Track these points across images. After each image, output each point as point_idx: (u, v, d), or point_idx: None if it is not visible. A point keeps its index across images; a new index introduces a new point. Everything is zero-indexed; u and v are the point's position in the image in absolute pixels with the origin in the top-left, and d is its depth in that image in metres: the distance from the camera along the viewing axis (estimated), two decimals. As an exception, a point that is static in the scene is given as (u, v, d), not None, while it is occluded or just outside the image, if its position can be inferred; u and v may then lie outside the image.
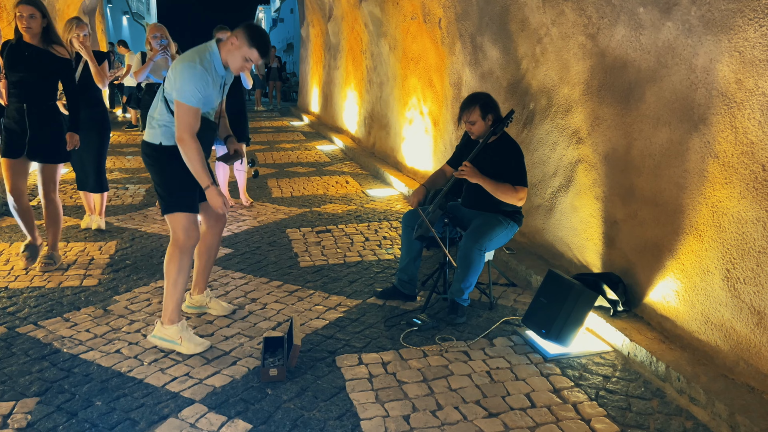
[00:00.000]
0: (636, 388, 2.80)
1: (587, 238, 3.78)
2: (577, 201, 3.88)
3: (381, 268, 4.34)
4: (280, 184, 7.33)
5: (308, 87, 15.16)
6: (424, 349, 3.14)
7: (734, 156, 2.66)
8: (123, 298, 3.75)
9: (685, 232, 2.97)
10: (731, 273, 2.69)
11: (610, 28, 3.43)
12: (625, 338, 3.08)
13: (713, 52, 2.73)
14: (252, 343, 3.17)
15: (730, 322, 2.71)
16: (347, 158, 9.37)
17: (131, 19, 31.24)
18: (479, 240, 3.37)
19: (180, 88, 2.85)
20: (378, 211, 5.99)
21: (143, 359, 2.98)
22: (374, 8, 8.00)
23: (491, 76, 4.98)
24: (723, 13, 2.66)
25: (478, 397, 2.70)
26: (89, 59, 4.70)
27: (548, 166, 4.20)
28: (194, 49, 2.97)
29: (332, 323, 3.43)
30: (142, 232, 5.17)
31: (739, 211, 2.65)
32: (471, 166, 3.41)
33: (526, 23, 4.34)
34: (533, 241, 4.43)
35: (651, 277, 3.22)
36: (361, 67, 9.52)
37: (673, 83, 3.00)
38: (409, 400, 2.66)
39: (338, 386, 2.77)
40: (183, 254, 3.03)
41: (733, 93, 2.65)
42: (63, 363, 2.94)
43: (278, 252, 4.68)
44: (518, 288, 4.01)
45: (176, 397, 2.65)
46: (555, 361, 3.03)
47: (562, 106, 4.00)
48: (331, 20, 11.15)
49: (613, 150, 3.50)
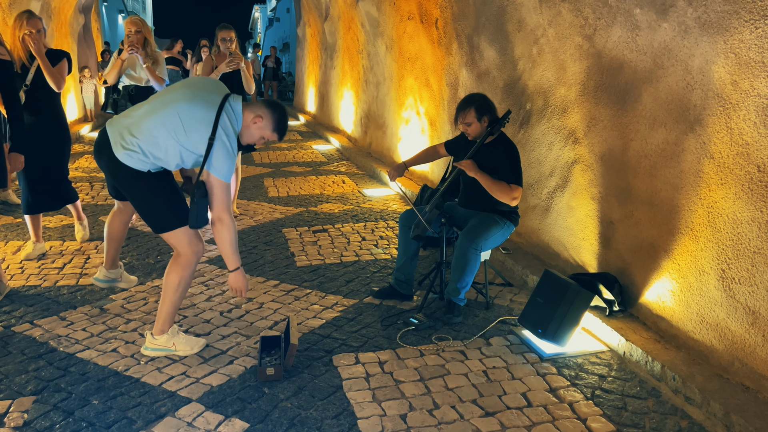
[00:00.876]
0: (632, 388, 2.81)
1: (583, 238, 3.79)
2: (573, 201, 3.90)
3: (377, 268, 4.35)
4: (276, 183, 7.33)
5: (305, 86, 15.15)
6: (421, 348, 3.15)
7: (730, 157, 2.68)
8: (119, 297, 3.74)
9: (681, 233, 2.98)
10: (726, 273, 2.71)
11: (607, 29, 3.45)
12: (620, 338, 3.10)
13: (709, 54, 2.75)
14: (249, 342, 3.17)
15: (725, 322, 2.72)
16: (344, 158, 9.37)
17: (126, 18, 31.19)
18: (475, 240, 3.38)
19: (218, 167, 2.71)
20: (374, 211, 5.99)
21: (140, 358, 2.98)
22: (371, 8, 8.01)
23: (488, 76, 4.99)
24: (719, 15, 2.68)
25: (475, 396, 2.71)
26: (39, 59, 4.11)
27: (544, 167, 4.21)
28: (225, 114, 2.73)
29: (329, 322, 3.43)
30: (139, 231, 5.16)
31: (735, 212, 2.66)
32: (470, 161, 3.42)
33: (523, 24, 4.35)
34: (529, 241, 4.44)
35: (647, 277, 3.23)
36: (358, 67, 9.52)
37: (669, 84, 3.01)
38: (406, 400, 2.67)
39: (335, 385, 2.77)
40: (186, 269, 2.92)
41: (728, 94, 2.67)
42: (59, 362, 2.93)
43: (275, 251, 4.68)
44: (514, 288, 4.02)
45: (173, 396, 2.65)
46: (551, 361, 3.05)
47: (558, 106, 4.02)
48: (328, 20, 11.14)
49: (610, 150, 3.52)
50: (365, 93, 9.16)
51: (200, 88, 2.84)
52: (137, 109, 2.83)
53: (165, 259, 4.43)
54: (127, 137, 2.74)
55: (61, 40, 10.41)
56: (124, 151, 2.74)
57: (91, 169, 7.95)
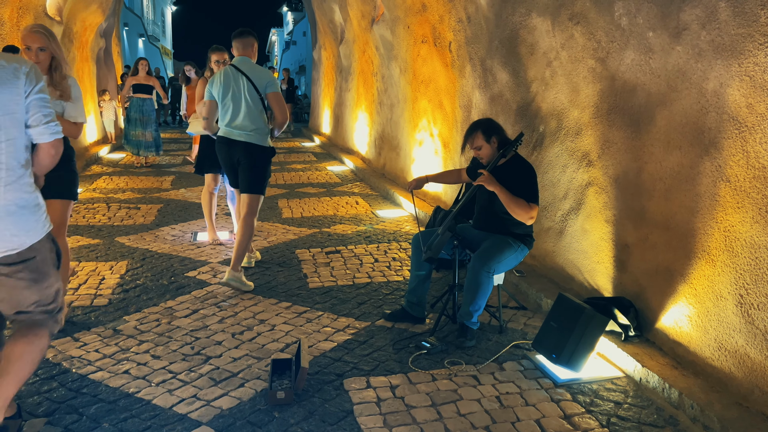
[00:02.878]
0: (648, 415, 2.75)
1: (598, 262, 3.75)
2: (587, 224, 3.86)
3: (390, 290, 4.33)
4: (290, 204, 7.36)
5: (320, 108, 15.29)
6: (433, 372, 3.11)
7: (746, 180, 2.64)
8: (132, 318, 3.76)
9: (697, 257, 2.94)
10: (745, 298, 2.66)
11: (620, 52, 3.45)
12: (636, 364, 3.04)
13: (723, 77, 2.73)
14: (260, 365, 3.16)
15: (744, 348, 2.66)
16: (357, 179, 9.41)
17: (147, 42, 31.79)
18: (488, 263, 3.36)
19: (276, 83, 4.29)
20: (387, 232, 5.99)
21: (151, 380, 2.98)
22: (385, 31, 8.10)
23: (501, 98, 5.00)
24: (733, 38, 2.67)
25: (488, 422, 2.67)
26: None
27: (558, 189, 4.19)
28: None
29: (340, 345, 3.41)
30: (153, 252, 5.20)
31: (752, 236, 2.62)
32: (488, 174, 3.41)
33: (535, 47, 4.37)
34: (544, 264, 4.40)
35: (663, 301, 3.18)
36: (372, 89, 9.60)
37: (684, 107, 2.99)
38: (418, 425, 2.63)
39: (346, 410, 2.74)
40: (255, 219, 4.38)
41: (744, 117, 2.64)
42: (72, 383, 2.94)
43: (287, 273, 4.69)
44: (528, 311, 3.98)
45: (183, 419, 2.64)
46: (566, 387, 2.99)
47: (572, 128, 4.01)
48: (343, 43, 11.28)
49: (624, 173, 3.49)
50: (379, 115, 9.22)
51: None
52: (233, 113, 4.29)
53: (178, 281, 4.45)
54: (249, 128, 4.25)
55: (81, 63, 10.64)
56: (255, 135, 4.27)
57: (108, 190, 8.05)
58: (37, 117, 2.18)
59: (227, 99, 4.27)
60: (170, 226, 6.17)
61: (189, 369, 3.10)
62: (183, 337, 3.48)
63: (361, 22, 9.54)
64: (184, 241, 5.56)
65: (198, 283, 4.41)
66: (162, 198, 7.62)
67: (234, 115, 4.28)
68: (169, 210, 6.92)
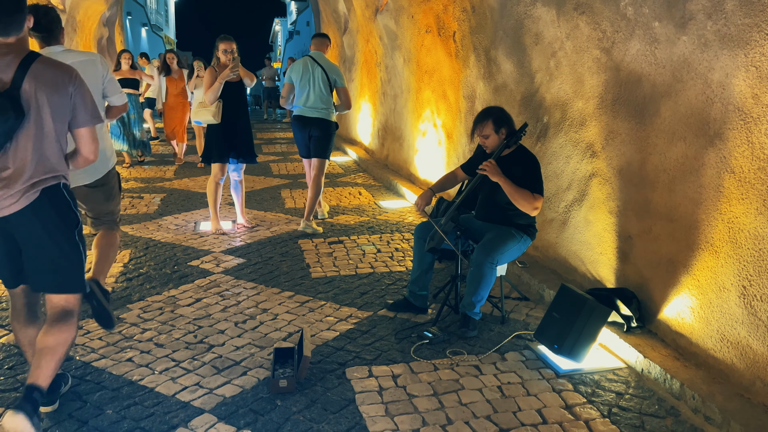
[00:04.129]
0: (650, 406, 2.76)
1: (601, 253, 3.75)
2: (590, 215, 3.86)
3: (392, 280, 4.33)
4: (293, 194, 7.36)
5: (323, 99, 15.22)
6: (435, 362, 3.12)
7: (751, 171, 2.63)
8: (136, 306, 3.77)
9: (701, 248, 2.93)
10: (748, 290, 2.65)
11: (625, 42, 3.42)
12: (638, 355, 3.04)
13: (729, 67, 2.71)
14: (262, 354, 3.17)
15: (746, 340, 2.66)
16: (360, 169, 9.40)
17: (150, 31, 31.71)
18: (491, 253, 3.35)
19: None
20: (390, 223, 5.99)
21: (154, 368, 2.99)
22: (389, 21, 8.06)
23: (505, 89, 4.98)
24: (739, 28, 2.65)
25: (489, 412, 2.68)
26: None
27: (562, 180, 4.18)
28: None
29: (343, 335, 3.42)
30: (156, 241, 5.21)
31: (756, 227, 2.61)
32: (494, 164, 3.38)
33: (540, 37, 4.34)
34: (546, 255, 4.40)
35: (665, 293, 3.18)
36: (376, 80, 9.57)
37: (689, 98, 2.98)
38: (419, 414, 2.64)
39: (348, 399, 2.76)
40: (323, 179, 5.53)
41: (749, 108, 2.63)
42: (75, 370, 2.96)
43: (290, 262, 4.70)
44: (531, 302, 3.98)
45: (186, 407, 2.66)
46: (567, 377, 3.00)
47: (576, 119, 3.99)
48: (347, 33, 11.23)
49: (628, 164, 3.48)
50: (383, 105, 9.19)
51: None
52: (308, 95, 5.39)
53: (181, 269, 4.47)
54: (321, 106, 5.33)
55: (85, 52, 10.61)
56: (325, 112, 5.32)
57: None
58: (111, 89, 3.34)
59: (304, 83, 5.41)
60: (173, 215, 6.18)
61: (192, 357, 3.12)
62: (186, 326, 3.49)
63: (365, 11, 9.49)
64: (187, 231, 5.57)
65: (201, 272, 4.42)
66: (165, 187, 7.63)
67: (309, 96, 5.43)
68: (172, 199, 6.93)
